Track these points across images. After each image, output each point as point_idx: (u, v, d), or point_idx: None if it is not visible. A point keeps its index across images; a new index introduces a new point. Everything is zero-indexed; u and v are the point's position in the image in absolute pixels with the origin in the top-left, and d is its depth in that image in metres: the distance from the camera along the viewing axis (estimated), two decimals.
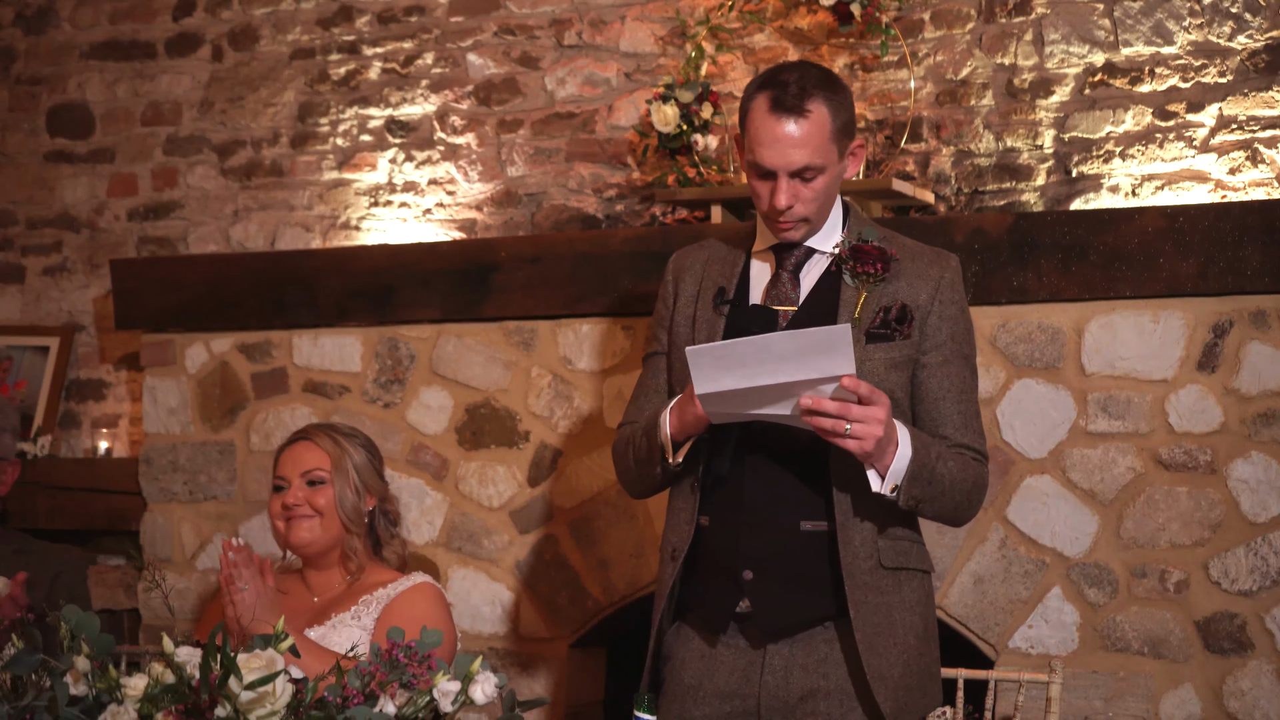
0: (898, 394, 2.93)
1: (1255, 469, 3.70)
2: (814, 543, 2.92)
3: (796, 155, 2.87)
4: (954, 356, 2.98)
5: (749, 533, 2.93)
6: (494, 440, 4.38)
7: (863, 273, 2.94)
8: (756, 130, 2.90)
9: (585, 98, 4.58)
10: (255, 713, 2.34)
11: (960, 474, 2.93)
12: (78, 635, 2.46)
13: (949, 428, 2.96)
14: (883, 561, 2.93)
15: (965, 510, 3.00)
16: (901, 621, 2.94)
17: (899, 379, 2.94)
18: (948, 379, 2.97)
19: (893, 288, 2.95)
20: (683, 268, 3.13)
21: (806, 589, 2.92)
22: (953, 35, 4.20)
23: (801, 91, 2.87)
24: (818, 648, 2.94)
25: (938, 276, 2.97)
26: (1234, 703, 3.69)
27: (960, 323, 2.99)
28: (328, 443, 3.41)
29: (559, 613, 4.30)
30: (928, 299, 2.95)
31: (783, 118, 2.86)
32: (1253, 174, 3.89)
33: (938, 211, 4.17)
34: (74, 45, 5.24)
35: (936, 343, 2.96)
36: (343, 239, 4.82)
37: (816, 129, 2.87)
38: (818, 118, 2.87)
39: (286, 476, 3.40)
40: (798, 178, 2.89)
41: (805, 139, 2.86)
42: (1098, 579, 3.81)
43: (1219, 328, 3.73)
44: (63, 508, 4.91)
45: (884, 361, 2.92)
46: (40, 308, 5.26)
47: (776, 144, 2.87)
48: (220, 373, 4.69)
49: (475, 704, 2.49)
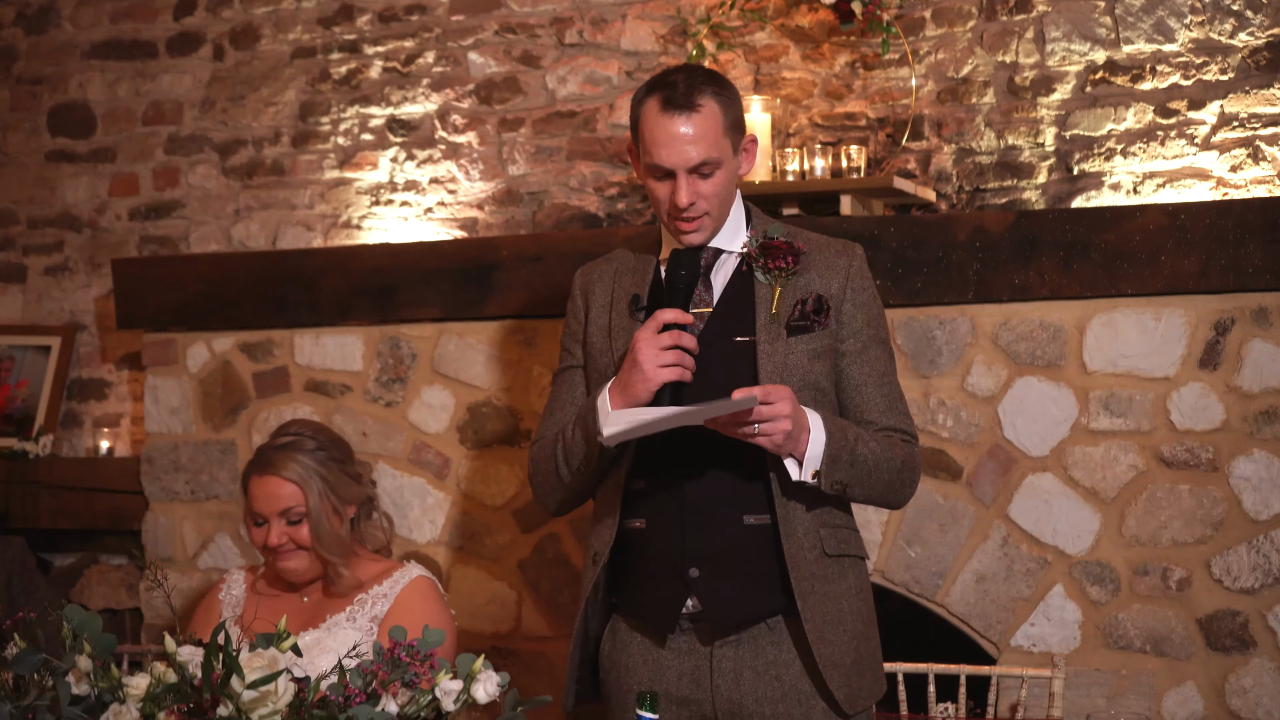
0: (824, 383, 2.97)
1: (1257, 467, 3.70)
2: (757, 536, 2.93)
3: (693, 151, 2.88)
4: (871, 342, 3.01)
5: (693, 530, 2.93)
6: (496, 439, 4.38)
7: (775, 268, 2.97)
8: (651, 132, 2.92)
9: (586, 96, 4.58)
10: (257, 712, 2.34)
11: (885, 454, 2.94)
12: (80, 635, 2.46)
13: (874, 412, 2.99)
14: (826, 550, 2.94)
15: (899, 491, 3.01)
16: (849, 609, 2.96)
17: (823, 369, 2.96)
18: (868, 364, 3.00)
19: (804, 280, 2.98)
20: (591, 281, 3.14)
21: (754, 583, 2.93)
22: (954, 33, 4.20)
23: (690, 89, 2.90)
24: (765, 650, 2.94)
25: (846, 266, 3.01)
26: (1236, 700, 3.69)
27: (873, 308, 3.03)
28: (294, 470, 3.32)
29: (561, 611, 4.30)
30: (839, 288, 2.99)
31: (675, 115, 2.89)
32: (1254, 171, 3.89)
33: (939, 209, 4.17)
34: (75, 45, 5.24)
35: (853, 330, 2.99)
36: (344, 238, 4.82)
37: (710, 124, 2.89)
38: (709, 113, 2.89)
39: (263, 514, 3.35)
40: (696, 174, 2.90)
41: (699, 134, 2.88)
42: (1100, 577, 3.81)
43: (1221, 325, 3.73)
44: (65, 507, 4.91)
45: (806, 353, 2.95)
46: (42, 307, 5.26)
47: (672, 142, 2.89)
48: (222, 372, 4.69)
49: (477, 703, 2.49)
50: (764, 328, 2.94)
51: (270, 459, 3.36)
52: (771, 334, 2.94)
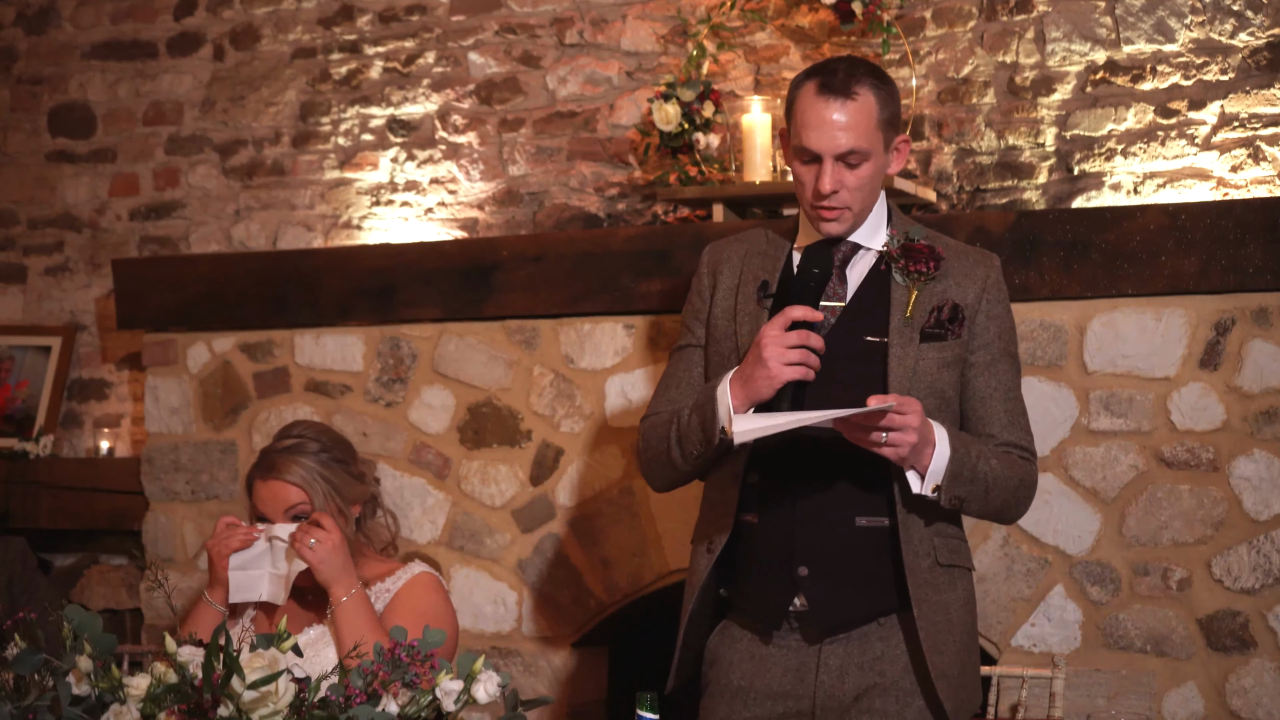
0: (949, 393, 2.95)
1: (1258, 467, 3.69)
2: (870, 538, 2.92)
3: (843, 138, 2.88)
4: (1001, 355, 2.99)
5: (804, 529, 2.92)
6: (496, 439, 4.38)
7: (915, 271, 2.95)
8: (804, 114, 2.91)
9: (587, 96, 4.58)
10: (258, 712, 2.34)
11: (1005, 472, 2.93)
12: (80, 635, 2.46)
13: (996, 426, 2.98)
14: (939, 559, 2.94)
15: (1013, 509, 3.01)
16: (958, 620, 2.95)
17: (950, 378, 2.95)
18: (995, 378, 2.98)
19: (941, 286, 2.95)
20: (720, 260, 3.11)
21: (863, 585, 2.92)
22: (954, 33, 4.20)
23: (850, 77, 2.89)
24: (873, 645, 2.94)
25: (984, 276, 2.99)
26: (1236, 701, 3.69)
27: (1006, 321, 3.01)
28: (298, 474, 3.32)
29: (561, 612, 4.30)
30: (975, 298, 2.97)
31: (830, 100, 2.88)
32: (1255, 171, 3.89)
33: (939, 210, 4.17)
34: (75, 45, 5.24)
35: (984, 342, 2.97)
36: (344, 238, 4.82)
37: (863, 114, 2.89)
38: (864, 102, 2.89)
39: (268, 517, 3.35)
40: (842, 162, 2.89)
41: (852, 123, 2.88)
42: (1100, 577, 3.81)
43: (1221, 325, 3.73)
44: (65, 507, 4.91)
45: (936, 361, 2.93)
46: (42, 308, 5.26)
47: (823, 126, 2.88)
48: (222, 372, 4.69)
49: (478, 703, 2.49)
50: (897, 330, 2.91)
51: (274, 462, 3.35)
52: (904, 338, 2.91)
